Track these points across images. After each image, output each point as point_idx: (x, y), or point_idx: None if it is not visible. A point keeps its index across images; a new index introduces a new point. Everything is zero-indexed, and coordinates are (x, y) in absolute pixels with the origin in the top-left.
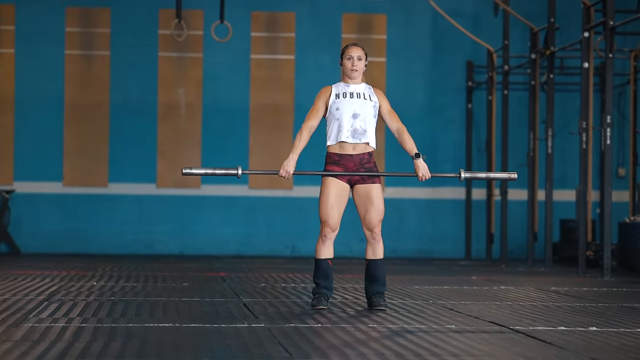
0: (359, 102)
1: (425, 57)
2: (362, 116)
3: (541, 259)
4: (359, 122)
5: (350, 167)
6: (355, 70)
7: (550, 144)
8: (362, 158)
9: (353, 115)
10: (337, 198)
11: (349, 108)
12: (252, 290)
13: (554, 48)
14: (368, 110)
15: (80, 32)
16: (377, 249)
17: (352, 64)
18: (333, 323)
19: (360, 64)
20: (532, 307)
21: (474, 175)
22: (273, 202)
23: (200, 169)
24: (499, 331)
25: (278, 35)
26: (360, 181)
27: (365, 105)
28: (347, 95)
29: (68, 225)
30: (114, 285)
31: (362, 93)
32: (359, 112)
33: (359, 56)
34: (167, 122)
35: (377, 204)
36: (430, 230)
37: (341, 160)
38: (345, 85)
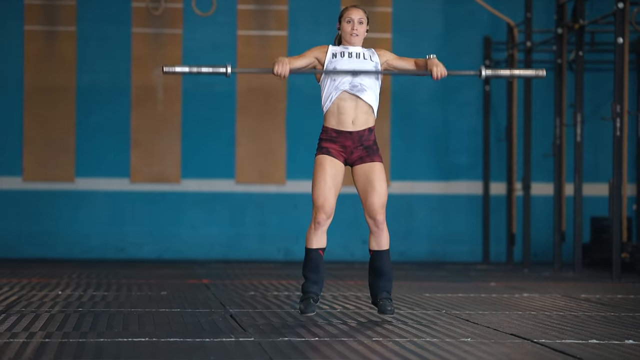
0: (359, 61)
1: (437, 33)
2: (363, 75)
3: (569, 263)
4: (358, 79)
5: (348, 145)
6: (355, 34)
7: (579, 131)
8: (362, 135)
9: (352, 73)
10: (333, 178)
11: (347, 66)
12: (239, 299)
13: (584, 21)
14: (369, 68)
15: (42, 4)
16: (381, 238)
17: (352, 27)
18: (332, 336)
19: (361, 28)
20: (559, 317)
21: (496, 72)
22: (263, 198)
23: (184, 66)
24: (521, 344)
25: (268, 8)
26: (358, 161)
27: (366, 65)
28: (346, 55)
29: (28, 226)
30: (81, 294)
31: (362, 53)
32: (358, 70)
33: (359, 19)
34: (142, 108)
35: (378, 187)
36: (442, 231)
37: (339, 137)
38: (344, 47)
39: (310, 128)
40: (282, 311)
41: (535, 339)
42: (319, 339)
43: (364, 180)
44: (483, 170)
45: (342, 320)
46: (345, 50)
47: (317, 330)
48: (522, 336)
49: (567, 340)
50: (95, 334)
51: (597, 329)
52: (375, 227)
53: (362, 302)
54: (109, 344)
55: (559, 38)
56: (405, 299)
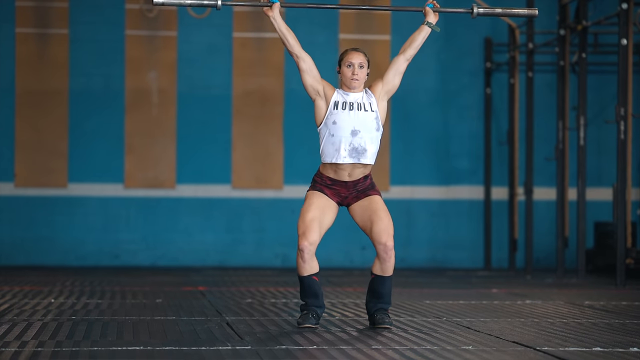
0: (360, 115)
1: (437, 35)
2: (363, 132)
3: (573, 269)
4: (358, 140)
5: (343, 192)
6: (356, 80)
7: (582, 134)
8: (357, 182)
9: (352, 132)
10: (320, 210)
11: (347, 123)
12: (236, 307)
13: (587, 22)
14: (370, 124)
15: (34, 6)
16: (388, 265)
17: (352, 72)
18: (330, 344)
19: (362, 73)
20: (562, 324)
21: (489, 10)
22: (260, 204)
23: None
24: (523, 352)
25: None
26: (354, 200)
27: (367, 119)
28: (347, 106)
29: (20, 233)
30: (75, 302)
31: (363, 103)
32: (359, 129)
33: (360, 63)
34: (136, 111)
35: (383, 215)
36: (443, 236)
37: (334, 184)
38: (345, 94)
39: (308, 132)
40: (279, 319)
41: (538, 347)
42: (317, 347)
43: (366, 212)
44: (484, 175)
45: (340, 327)
46: (346, 99)
47: (315, 338)
48: (525, 344)
49: (571, 348)
50: (89, 343)
51: (601, 336)
52: (384, 254)
53: (361, 309)
54: (102, 352)
55: (562, 39)
56: (405, 306)
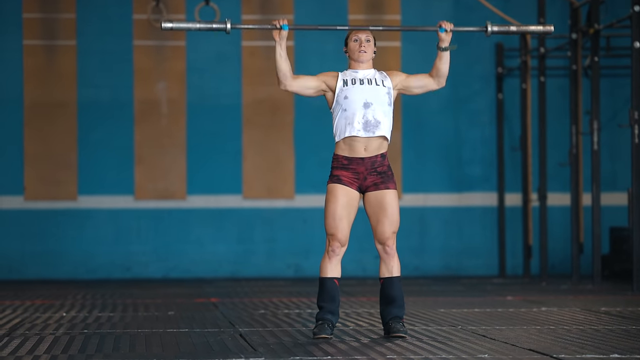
0: (370, 88)
1: None
2: (375, 105)
3: (588, 275)
4: (371, 112)
5: (361, 171)
6: (363, 51)
7: (596, 138)
8: (375, 161)
9: (364, 105)
10: (346, 208)
11: (359, 96)
12: (249, 318)
13: (599, 25)
14: (382, 97)
15: (41, 18)
16: (391, 264)
17: (359, 44)
18: (344, 354)
19: (369, 46)
20: (578, 331)
21: (503, 28)
22: (272, 214)
23: (183, 23)
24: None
25: (273, 17)
26: (372, 187)
27: (378, 92)
28: (357, 82)
29: (31, 246)
30: (86, 315)
31: (374, 78)
32: (371, 101)
33: (366, 37)
34: (145, 122)
35: (391, 214)
36: (457, 244)
37: (350, 164)
38: (354, 72)
39: (319, 140)
40: (293, 329)
41: (554, 354)
42: (331, 357)
43: (377, 206)
44: (497, 181)
45: (354, 338)
46: (355, 75)
47: (330, 348)
48: (541, 351)
49: (588, 355)
50: (102, 356)
51: (618, 343)
52: (384, 254)
53: (375, 318)
54: None
55: (574, 43)
56: (419, 315)
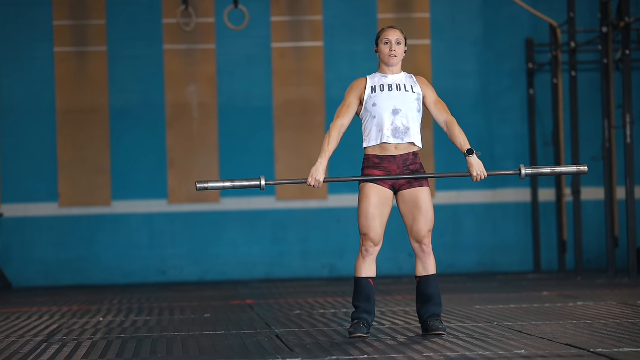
0: (400, 95)
1: (477, 37)
2: (404, 112)
3: (624, 269)
4: (400, 119)
5: (393, 169)
6: (394, 55)
7: (629, 132)
8: (407, 159)
9: (393, 112)
10: (379, 207)
11: (388, 103)
12: (285, 319)
13: (630, 19)
14: (411, 104)
15: (71, 25)
16: (428, 263)
17: (390, 48)
18: (381, 353)
19: (399, 49)
20: (615, 325)
21: (537, 171)
22: (306, 214)
23: (217, 182)
24: (577, 355)
25: (303, 19)
26: (405, 185)
27: (407, 99)
28: (385, 88)
29: (66, 252)
30: (123, 320)
31: (403, 84)
32: (400, 108)
33: (397, 39)
34: (177, 126)
35: (425, 211)
36: (491, 240)
37: (382, 162)
38: (383, 76)
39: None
40: (329, 329)
41: (592, 349)
42: (368, 356)
43: (412, 204)
44: (531, 177)
45: (391, 336)
46: (384, 81)
47: (366, 347)
48: (578, 346)
49: (625, 349)
50: None
51: None
52: (421, 252)
53: (411, 317)
54: None
55: (604, 37)
56: (455, 312)
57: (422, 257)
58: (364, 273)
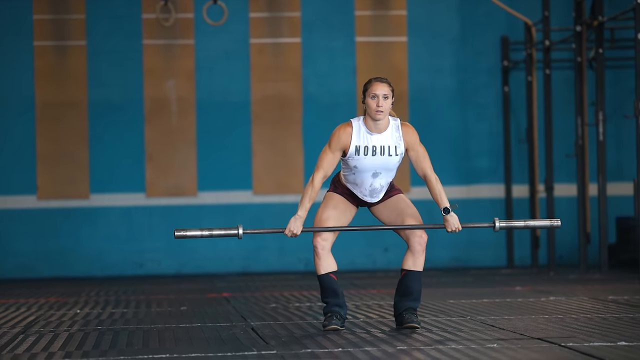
0: (383, 159)
1: (453, 35)
2: (384, 173)
3: (596, 264)
4: (379, 180)
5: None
6: (380, 111)
7: (601, 129)
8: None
9: (373, 175)
10: (337, 211)
11: (369, 166)
12: (261, 312)
13: (603, 18)
14: (391, 165)
15: (51, 19)
16: (419, 259)
17: (377, 103)
18: (355, 346)
19: (386, 104)
20: (586, 320)
21: (510, 224)
22: (282, 209)
23: (196, 230)
24: (548, 349)
25: (281, 15)
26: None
27: (390, 162)
28: (369, 152)
29: (45, 245)
30: (100, 312)
31: (387, 146)
32: (380, 171)
33: (384, 94)
34: (155, 120)
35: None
36: (465, 236)
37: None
38: (368, 133)
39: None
40: (304, 322)
41: (562, 343)
42: (342, 349)
43: (394, 211)
44: (504, 173)
45: (365, 329)
46: (369, 142)
47: (340, 340)
48: (550, 340)
49: (596, 343)
50: (116, 352)
51: (625, 330)
52: (419, 246)
53: (386, 310)
54: None
55: (578, 36)
56: (429, 306)
57: (417, 253)
58: (322, 270)
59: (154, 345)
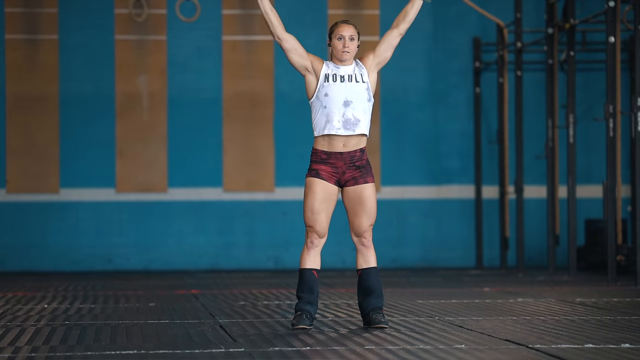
0: (351, 86)
1: (425, 35)
2: (355, 103)
3: (564, 266)
4: (350, 110)
5: (339, 165)
6: (347, 52)
7: (572, 132)
8: (354, 155)
9: (344, 103)
10: (324, 202)
11: (339, 94)
12: (229, 309)
13: (575, 20)
14: (361, 95)
15: (23, 12)
16: (368, 256)
17: (343, 44)
18: (323, 345)
19: (352, 45)
20: (554, 322)
21: None
22: (252, 206)
23: None
24: (515, 350)
25: (253, 12)
26: (351, 182)
27: (358, 90)
28: (338, 79)
29: (13, 238)
30: (68, 307)
31: (354, 75)
32: (351, 99)
33: (351, 35)
34: (126, 116)
35: (368, 207)
36: (435, 236)
37: (329, 158)
38: (335, 67)
39: (299, 134)
40: (272, 320)
41: (530, 345)
42: (310, 348)
43: (355, 200)
44: (475, 174)
45: (333, 328)
46: (337, 71)
47: (309, 339)
48: (517, 342)
49: (563, 345)
50: (83, 348)
51: (593, 333)
52: (361, 246)
53: (354, 309)
54: (96, 357)
55: (550, 38)
56: (397, 306)
57: (363, 250)
58: (308, 264)
59: (122, 341)
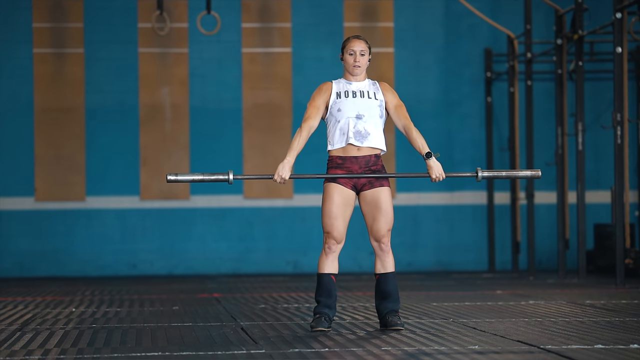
0: (363, 101)
1: (438, 46)
2: (367, 117)
3: (574, 270)
4: (362, 123)
5: (355, 169)
6: (357, 66)
7: (580, 139)
8: (369, 160)
9: (356, 117)
10: (342, 207)
11: (351, 109)
12: (250, 312)
13: (583, 32)
14: (373, 110)
15: (50, 27)
16: (387, 261)
17: (354, 59)
18: (341, 346)
19: (363, 60)
20: (565, 323)
21: (493, 174)
22: (271, 213)
23: (187, 175)
24: (528, 351)
25: (272, 25)
26: (367, 186)
27: (370, 105)
28: (350, 94)
29: (41, 245)
30: (95, 311)
31: (366, 91)
32: (363, 113)
33: (361, 51)
34: (150, 126)
35: (385, 211)
36: (448, 240)
37: (345, 163)
38: (347, 83)
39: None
40: (292, 323)
41: (541, 345)
42: (328, 349)
43: (372, 204)
44: (487, 180)
45: (351, 330)
46: (349, 87)
47: (327, 341)
48: (529, 343)
49: (573, 346)
50: (109, 350)
51: (602, 334)
52: (380, 251)
53: (371, 312)
54: (122, 359)
55: (559, 49)
56: (412, 309)
57: (381, 255)
58: (326, 269)
59: (147, 344)
